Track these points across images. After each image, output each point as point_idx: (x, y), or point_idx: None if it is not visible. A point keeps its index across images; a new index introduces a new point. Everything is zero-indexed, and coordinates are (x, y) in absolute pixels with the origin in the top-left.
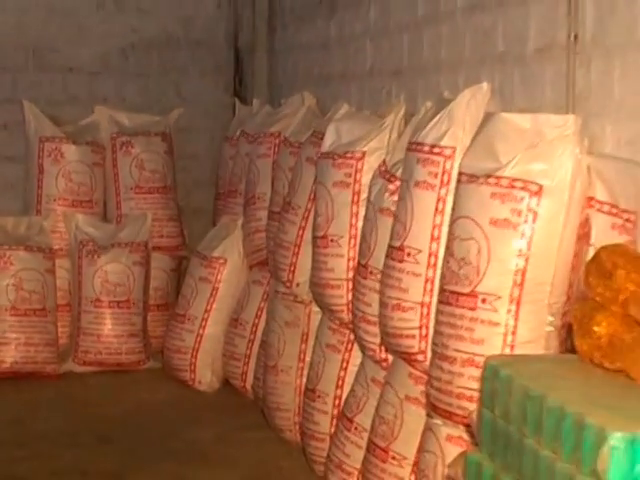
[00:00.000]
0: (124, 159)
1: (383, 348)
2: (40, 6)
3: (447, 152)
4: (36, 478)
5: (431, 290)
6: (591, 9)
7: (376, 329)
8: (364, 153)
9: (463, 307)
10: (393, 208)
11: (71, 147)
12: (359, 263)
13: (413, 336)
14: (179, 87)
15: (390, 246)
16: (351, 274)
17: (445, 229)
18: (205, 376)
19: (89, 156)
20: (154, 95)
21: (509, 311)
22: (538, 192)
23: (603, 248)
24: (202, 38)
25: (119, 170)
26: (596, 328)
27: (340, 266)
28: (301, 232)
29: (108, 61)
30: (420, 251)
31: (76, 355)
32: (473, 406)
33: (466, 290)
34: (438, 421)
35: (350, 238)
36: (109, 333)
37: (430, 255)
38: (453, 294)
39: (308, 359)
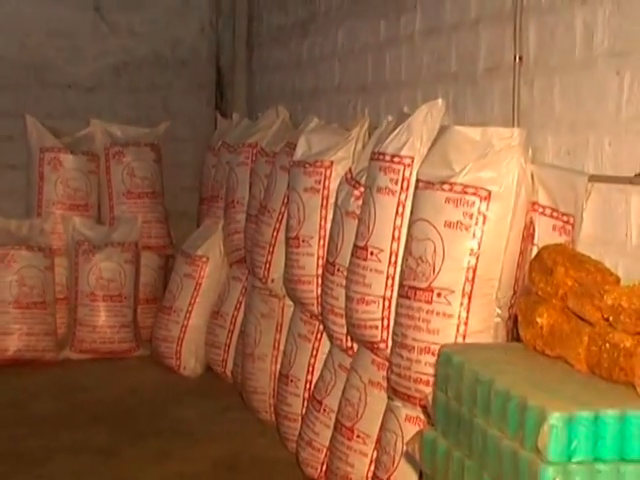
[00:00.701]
0: (116, 167)
1: (349, 337)
2: (41, 29)
3: (406, 161)
4: (36, 454)
5: (392, 285)
6: (534, 34)
7: (343, 320)
8: (332, 162)
9: (420, 301)
10: (358, 211)
11: (69, 156)
12: (327, 261)
13: (376, 327)
14: (166, 102)
15: (355, 246)
16: (320, 271)
17: (404, 230)
18: (189, 363)
19: (85, 165)
20: (144, 109)
21: (461, 304)
22: (487, 197)
23: (545, 247)
24: (187, 58)
25: (112, 177)
26: (538, 319)
27: (310, 264)
28: (275, 233)
29: (102, 78)
30: (382, 250)
31: (73, 344)
32: (429, 389)
33: (423, 285)
34: (398, 403)
35: (319, 238)
36: (103, 324)
37: (391, 254)
38: (411, 289)
39: (282, 347)
